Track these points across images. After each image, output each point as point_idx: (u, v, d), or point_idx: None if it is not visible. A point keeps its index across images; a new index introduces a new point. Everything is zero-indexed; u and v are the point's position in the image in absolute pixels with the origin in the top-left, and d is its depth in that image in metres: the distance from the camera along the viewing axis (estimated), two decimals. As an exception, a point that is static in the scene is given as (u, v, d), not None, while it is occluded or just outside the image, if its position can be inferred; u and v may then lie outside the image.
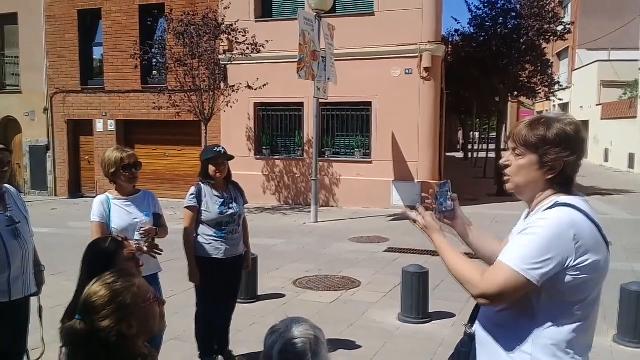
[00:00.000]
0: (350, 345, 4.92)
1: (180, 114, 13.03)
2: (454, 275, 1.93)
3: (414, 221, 2.22)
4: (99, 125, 16.22)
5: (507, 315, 1.87)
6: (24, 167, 17.39)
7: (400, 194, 13.29)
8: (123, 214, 3.75)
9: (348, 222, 11.74)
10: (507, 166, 1.94)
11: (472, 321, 2.13)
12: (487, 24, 16.36)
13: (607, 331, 5.01)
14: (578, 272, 1.75)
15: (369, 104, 13.60)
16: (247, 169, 13.53)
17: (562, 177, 1.87)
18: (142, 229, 3.52)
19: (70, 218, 12.49)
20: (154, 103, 13.66)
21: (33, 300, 3.58)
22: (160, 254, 3.62)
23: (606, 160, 26.42)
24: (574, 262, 1.74)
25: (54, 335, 3.55)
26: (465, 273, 1.87)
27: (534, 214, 1.89)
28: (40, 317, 3.58)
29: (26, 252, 3.38)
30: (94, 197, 4.03)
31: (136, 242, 3.39)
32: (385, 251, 8.83)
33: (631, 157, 23.22)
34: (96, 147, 16.21)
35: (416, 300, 5.48)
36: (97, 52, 16.67)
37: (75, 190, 16.95)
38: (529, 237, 1.77)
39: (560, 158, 1.83)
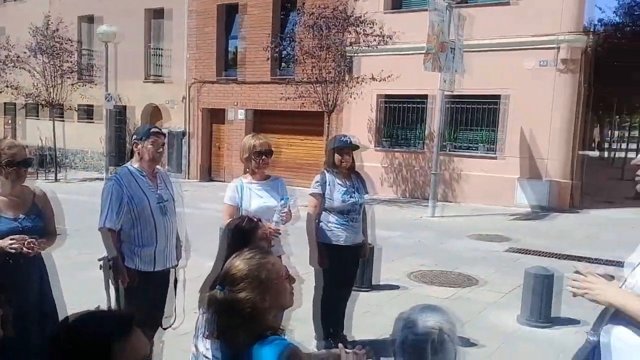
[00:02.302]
0: (465, 343, 4.84)
1: (305, 105, 13.46)
2: None
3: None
4: (230, 114, 17.25)
5: None
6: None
7: (526, 192, 12.69)
8: (255, 198, 4.03)
9: (467, 219, 11.46)
10: None
11: (595, 329, 2.05)
12: (636, 12, 15.03)
13: None
14: None
15: (498, 97, 13.08)
16: (366, 160, 13.58)
17: None
18: (282, 212, 3.76)
19: (201, 199, 13.42)
20: (282, 94, 14.21)
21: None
22: (277, 237, 3.81)
23: None
24: None
25: (186, 306, 3.93)
26: None
27: None
28: (175, 288, 3.93)
29: (171, 228, 3.76)
30: (222, 182, 4.35)
31: (275, 222, 3.66)
32: (506, 251, 8.53)
33: None
34: (227, 135, 17.28)
35: (538, 303, 5.26)
36: (232, 45, 17.69)
37: (207, 174, 18.19)
38: None
39: None
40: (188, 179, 18.21)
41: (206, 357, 2.61)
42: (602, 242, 9.23)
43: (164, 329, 3.89)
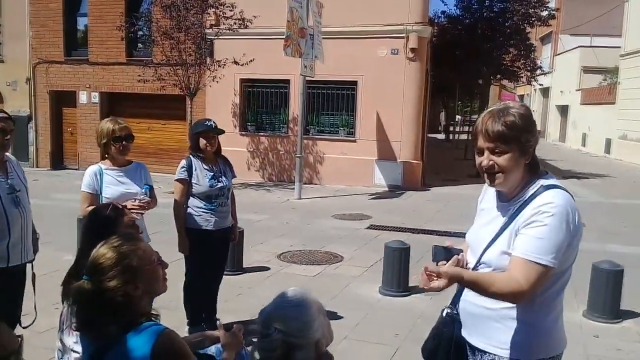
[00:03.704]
0: (332, 316, 5.10)
1: (165, 88, 12.98)
2: (496, 298, 1.94)
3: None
4: (82, 97, 16.09)
5: None
6: (4, 138, 17.21)
7: (383, 173, 13.50)
8: (115, 184, 3.86)
9: (331, 200, 11.92)
10: (492, 166, 1.96)
11: (453, 302, 2.23)
12: (474, 6, 16.46)
13: (577, 307, 5.28)
14: (571, 247, 1.92)
15: (355, 83, 13.69)
16: (232, 145, 13.52)
17: (534, 159, 2.00)
18: (143, 201, 3.65)
19: (53, 189, 12.46)
20: (139, 76, 13.57)
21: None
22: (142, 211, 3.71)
23: (583, 145, 26.94)
24: (572, 239, 1.91)
25: (44, 303, 3.69)
26: (504, 290, 1.88)
27: (521, 199, 1.99)
28: (33, 284, 3.67)
29: (25, 220, 3.48)
30: (77, 170, 4.12)
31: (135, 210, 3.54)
32: (367, 228, 9.03)
33: (608, 143, 23.72)
34: (79, 119, 16.12)
35: (397, 274, 5.68)
36: (81, 23, 16.45)
37: (57, 161, 16.83)
38: (544, 228, 1.87)
39: (535, 140, 1.97)
40: (37, 167, 16.72)
41: (74, 352, 2.49)
42: (449, 216, 10.15)
43: (24, 327, 3.62)
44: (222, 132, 4.56)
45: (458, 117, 35.17)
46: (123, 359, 1.93)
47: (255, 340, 1.92)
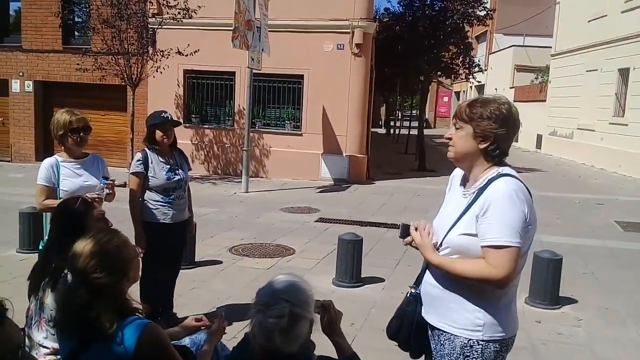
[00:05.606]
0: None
1: (105, 78, 12.58)
2: (469, 280, 2.07)
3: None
4: (15, 86, 15.31)
5: None
6: None
7: (329, 166, 13.65)
8: (73, 177, 3.78)
9: (278, 193, 11.95)
10: (450, 138, 2.22)
11: (417, 283, 2.37)
12: (416, 4, 16.82)
13: (519, 294, 5.58)
14: (528, 228, 2.07)
15: (301, 76, 13.74)
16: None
17: (495, 149, 2.15)
18: (103, 192, 3.60)
19: (-16, 182, 11.82)
20: (78, 64, 13.06)
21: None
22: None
23: (516, 140, 28.12)
24: (528, 220, 2.07)
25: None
26: (479, 273, 2.03)
27: (479, 185, 2.15)
28: None
29: None
30: (9, 162, 4.02)
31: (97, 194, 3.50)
32: (316, 221, 9.13)
33: (539, 138, 24.92)
34: (12, 109, 15.34)
35: (350, 265, 5.81)
36: (12, 7, 15.64)
37: (-12, 153, 15.96)
38: (505, 212, 2.03)
39: (490, 129, 2.11)
40: (-37, 159, 15.80)
41: (43, 347, 2.45)
42: (394, 209, 10.42)
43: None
44: (179, 124, 4.54)
45: (399, 113, 35.88)
46: (108, 351, 1.95)
47: (257, 312, 1.87)
